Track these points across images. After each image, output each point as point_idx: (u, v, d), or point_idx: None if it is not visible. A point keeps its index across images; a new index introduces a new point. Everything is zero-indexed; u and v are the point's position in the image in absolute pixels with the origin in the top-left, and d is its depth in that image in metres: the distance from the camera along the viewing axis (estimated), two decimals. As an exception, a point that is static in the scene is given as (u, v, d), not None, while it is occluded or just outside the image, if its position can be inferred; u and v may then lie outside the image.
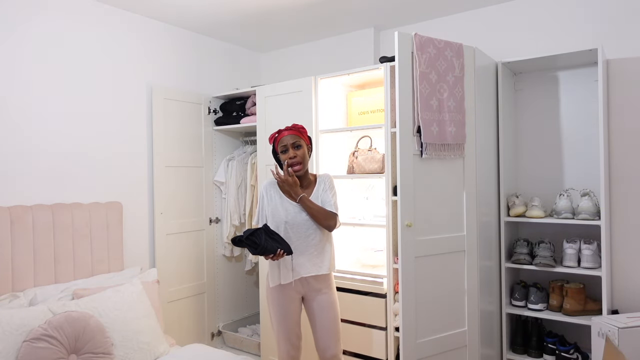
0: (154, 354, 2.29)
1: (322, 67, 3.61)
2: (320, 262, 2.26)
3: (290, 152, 2.23)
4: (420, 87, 2.35)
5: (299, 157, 2.23)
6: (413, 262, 2.37)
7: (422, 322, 2.40)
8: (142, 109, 3.10)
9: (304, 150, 2.26)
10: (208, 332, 3.48)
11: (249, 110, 3.42)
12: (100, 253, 2.71)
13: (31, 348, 1.92)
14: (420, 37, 2.37)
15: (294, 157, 2.22)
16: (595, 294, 2.59)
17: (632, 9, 2.60)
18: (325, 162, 3.00)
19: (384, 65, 2.66)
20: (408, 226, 2.33)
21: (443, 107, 2.41)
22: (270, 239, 2.14)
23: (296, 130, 2.27)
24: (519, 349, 2.74)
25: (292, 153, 2.22)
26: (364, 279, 2.74)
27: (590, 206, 2.47)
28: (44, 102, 2.60)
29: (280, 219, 2.23)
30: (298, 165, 2.23)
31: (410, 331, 2.35)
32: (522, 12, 2.93)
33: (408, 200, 2.35)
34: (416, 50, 2.35)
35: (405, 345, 2.33)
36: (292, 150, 2.23)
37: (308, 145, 2.32)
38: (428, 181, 2.43)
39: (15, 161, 2.47)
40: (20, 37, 2.51)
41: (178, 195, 3.27)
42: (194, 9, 3.03)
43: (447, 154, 2.43)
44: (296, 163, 2.23)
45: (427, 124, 2.36)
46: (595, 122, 2.67)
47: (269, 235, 2.15)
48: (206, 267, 3.47)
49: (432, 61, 2.39)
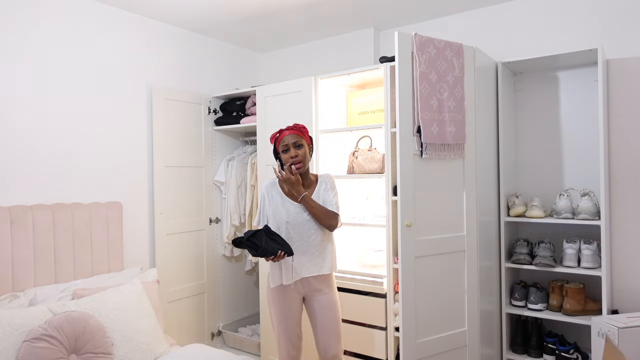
0: (154, 354, 2.29)
1: (322, 67, 3.61)
2: (322, 262, 2.26)
3: (292, 152, 2.23)
4: (420, 87, 2.35)
5: (300, 156, 2.23)
6: (413, 262, 2.37)
7: (422, 322, 2.40)
8: (142, 109, 3.10)
9: (305, 149, 2.26)
10: (208, 332, 3.48)
11: (249, 110, 3.42)
12: (100, 253, 2.71)
13: (31, 348, 1.92)
14: (420, 37, 2.37)
15: (295, 156, 2.22)
16: (595, 294, 2.59)
17: (632, 9, 2.60)
18: (325, 162, 3.00)
19: (384, 66, 2.66)
20: (408, 226, 2.33)
21: (443, 107, 2.41)
22: (270, 240, 2.14)
23: (297, 130, 2.27)
24: (519, 348, 2.74)
25: (293, 152, 2.23)
26: (364, 279, 2.74)
27: (590, 206, 2.47)
28: (44, 102, 2.60)
29: (281, 219, 2.23)
30: (299, 163, 2.23)
31: (410, 331, 2.35)
32: (522, 12, 2.93)
33: (408, 200, 2.35)
34: (416, 51, 2.35)
35: (405, 345, 2.33)
36: (294, 150, 2.23)
37: (309, 145, 2.32)
38: (428, 181, 2.43)
39: (16, 161, 2.47)
40: (21, 38, 2.51)
41: (178, 195, 3.27)
42: (194, 8, 3.03)
43: (447, 154, 2.43)
44: (297, 162, 2.23)
45: (427, 124, 2.36)
46: (595, 122, 2.67)
47: (270, 236, 2.15)
48: (206, 267, 3.47)
49: (432, 61, 2.39)
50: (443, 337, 2.45)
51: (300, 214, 2.23)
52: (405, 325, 2.33)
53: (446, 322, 2.47)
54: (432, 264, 2.43)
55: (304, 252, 2.23)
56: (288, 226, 2.22)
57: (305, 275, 2.23)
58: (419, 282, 2.39)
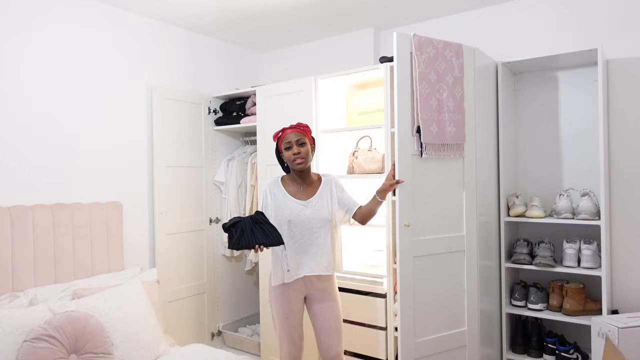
0: (154, 354, 2.29)
1: (322, 67, 3.61)
2: (325, 261, 2.26)
3: (294, 149, 2.24)
4: (420, 87, 2.34)
5: (302, 153, 2.24)
6: (411, 261, 2.36)
7: (421, 322, 2.39)
8: (143, 109, 3.10)
9: (308, 148, 2.28)
10: (208, 332, 3.48)
11: (249, 110, 3.42)
12: (100, 253, 2.72)
13: (31, 348, 1.92)
14: (419, 38, 2.37)
15: (297, 153, 2.24)
16: (595, 294, 2.59)
17: (632, 9, 2.60)
18: (325, 162, 3.00)
19: (384, 66, 2.66)
20: (406, 226, 2.33)
21: (442, 107, 2.41)
22: (257, 227, 2.07)
23: (300, 129, 2.29)
24: (519, 348, 2.74)
25: (295, 149, 2.24)
26: (364, 279, 2.74)
27: (590, 206, 2.47)
28: (44, 102, 2.60)
29: (283, 217, 2.24)
30: (301, 160, 2.24)
31: (408, 330, 2.34)
32: (522, 12, 2.93)
33: (406, 200, 2.35)
34: (415, 51, 2.35)
35: (403, 345, 2.33)
36: (296, 147, 2.25)
37: (312, 144, 2.34)
38: (427, 181, 2.42)
39: (16, 161, 2.47)
40: (21, 39, 2.51)
41: (178, 195, 3.27)
42: (194, 9, 3.03)
43: (446, 154, 2.43)
44: (299, 158, 2.24)
45: (427, 124, 2.36)
46: (595, 122, 2.67)
47: (256, 223, 2.08)
48: (206, 267, 3.47)
49: (432, 61, 2.39)
50: (442, 336, 2.45)
51: (302, 212, 2.24)
52: (404, 325, 2.33)
53: (445, 322, 2.47)
54: (431, 264, 2.43)
55: (307, 250, 2.23)
56: (290, 225, 2.23)
57: (308, 274, 2.23)
58: (418, 281, 2.38)
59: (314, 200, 2.28)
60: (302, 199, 2.28)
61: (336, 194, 2.33)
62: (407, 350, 2.34)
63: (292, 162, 2.25)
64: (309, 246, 2.24)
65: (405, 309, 2.34)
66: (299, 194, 2.29)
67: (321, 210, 2.26)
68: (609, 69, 2.64)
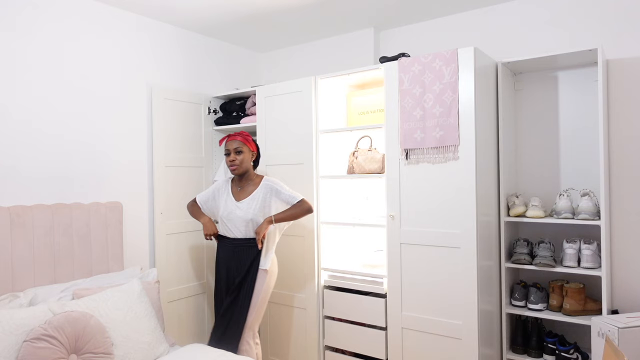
0: (154, 354, 2.29)
1: (322, 67, 3.61)
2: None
3: (231, 156, 2.61)
4: (402, 103, 2.60)
5: (237, 160, 2.60)
6: (398, 247, 2.57)
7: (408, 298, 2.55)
8: (142, 109, 3.10)
9: (245, 155, 2.62)
10: (208, 332, 3.48)
11: (249, 110, 3.42)
12: (100, 253, 2.71)
13: (31, 348, 1.92)
14: (404, 61, 2.61)
15: (233, 160, 2.60)
16: (595, 294, 2.60)
17: (632, 9, 2.60)
18: (325, 162, 3.00)
19: (384, 66, 2.66)
20: (391, 217, 2.62)
21: (427, 115, 2.54)
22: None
23: (241, 137, 2.62)
24: (519, 348, 2.74)
25: (232, 157, 2.61)
26: (364, 279, 2.74)
27: (590, 206, 2.46)
28: (44, 103, 2.60)
29: (219, 211, 2.68)
30: (234, 166, 2.61)
31: (395, 301, 2.61)
32: (522, 12, 2.93)
33: (393, 196, 2.59)
34: (399, 73, 2.61)
35: (391, 312, 2.62)
36: (233, 154, 2.61)
37: (253, 151, 2.68)
38: (417, 181, 2.57)
39: (15, 161, 2.47)
40: (22, 39, 2.51)
41: (178, 196, 3.27)
42: (194, 9, 3.03)
43: (435, 156, 2.54)
44: (233, 165, 2.60)
45: (411, 132, 2.58)
46: (595, 122, 2.67)
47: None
48: (206, 267, 3.47)
49: (417, 77, 2.59)
50: (430, 320, 2.54)
51: (233, 212, 2.61)
52: (391, 295, 2.65)
53: (434, 306, 2.54)
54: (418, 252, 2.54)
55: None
56: (222, 219, 2.65)
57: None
58: (405, 263, 2.55)
59: (246, 201, 2.61)
60: (237, 199, 2.65)
61: (269, 199, 2.61)
62: (395, 318, 2.62)
63: (229, 167, 2.63)
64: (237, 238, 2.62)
65: (392, 282, 2.64)
66: (237, 194, 2.67)
67: (248, 211, 2.58)
68: (609, 69, 2.64)
